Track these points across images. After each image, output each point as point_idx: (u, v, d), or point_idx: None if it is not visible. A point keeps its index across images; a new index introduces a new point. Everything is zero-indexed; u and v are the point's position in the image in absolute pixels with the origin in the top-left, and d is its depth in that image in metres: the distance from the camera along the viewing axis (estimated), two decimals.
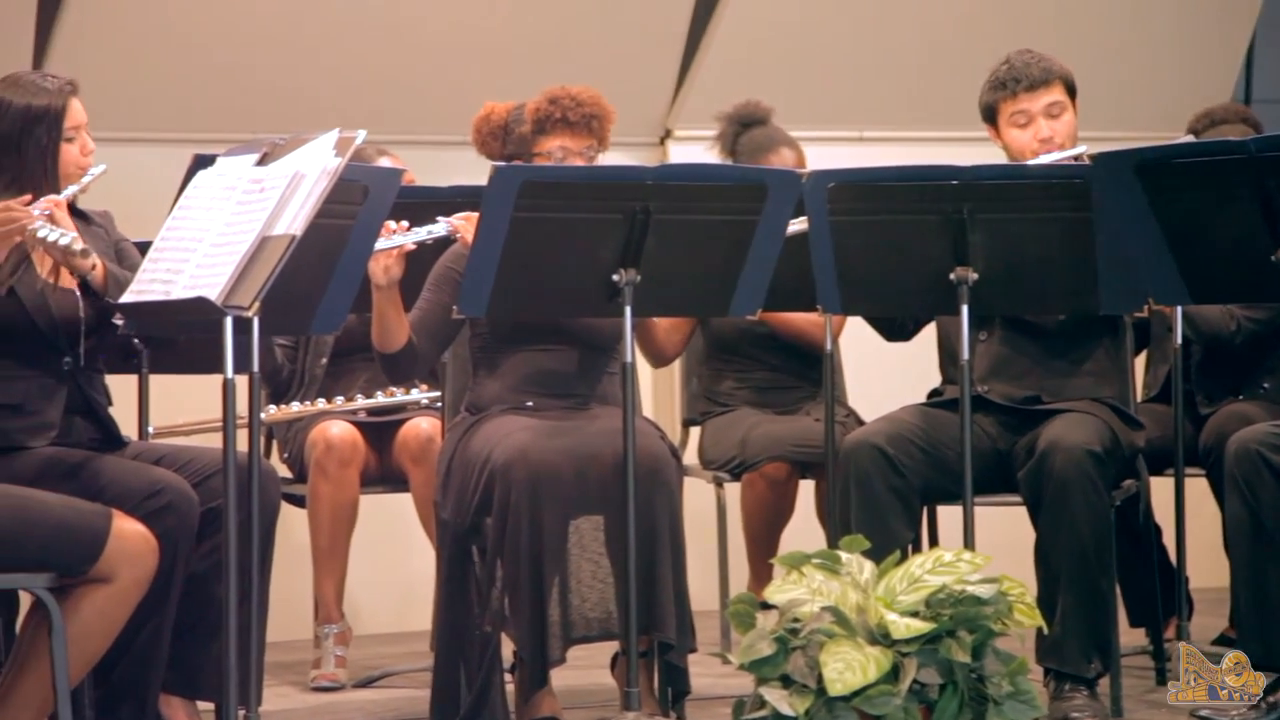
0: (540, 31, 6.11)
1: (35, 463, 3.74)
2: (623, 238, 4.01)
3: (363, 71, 5.96)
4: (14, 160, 3.84)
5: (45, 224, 3.56)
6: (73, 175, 3.90)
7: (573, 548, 4.16)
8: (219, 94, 5.83)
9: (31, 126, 3.85)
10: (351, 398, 5.16)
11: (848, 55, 6.38)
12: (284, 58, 5.91)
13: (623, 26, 6.19)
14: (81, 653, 3.43)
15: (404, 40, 6.02)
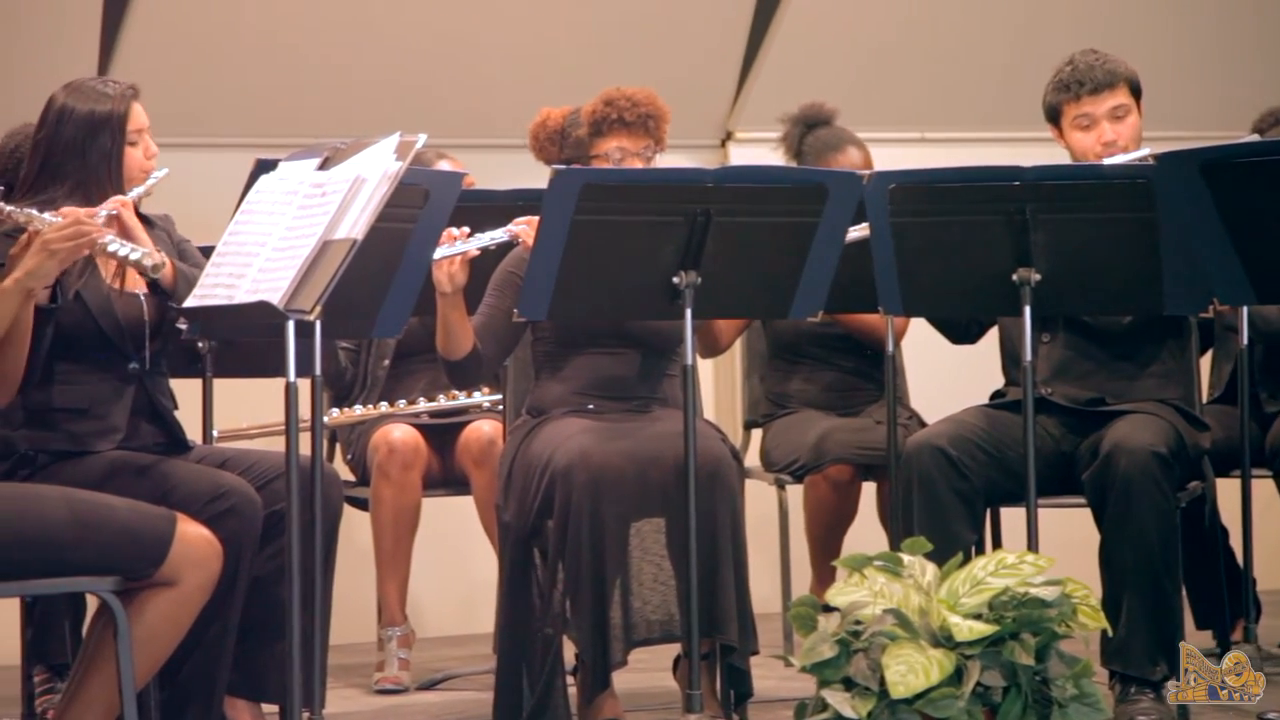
0: (601, 34, 6.11)
1: (101, 466, 3.77)
2: (683, 240, 4.00)
3: (423, 75, 5.98)
4: (78, 166, 3.87)
5: (115, 239, 3.58)
6: (136, 179, 3.93)
7: (634, 550, 4.15)
8: (281, 99, 5.87)
9: (95, 132, 3.88)
10: (413, 400, 5.18)
11: (910, 56, 6.36)
12: (346, 63, 5.93)
13: (684, 29, 6.19)
14: (147, 655, 3.45)
15: (464, 44, 6.03)
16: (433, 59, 5.99)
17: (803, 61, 6.24)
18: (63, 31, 5.65)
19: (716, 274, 4.03)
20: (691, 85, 6.04)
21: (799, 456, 5.12)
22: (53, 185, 3.84)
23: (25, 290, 3.33)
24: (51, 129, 3.88)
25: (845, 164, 5.11)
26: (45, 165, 3.87)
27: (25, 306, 3.37)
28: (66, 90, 3.91)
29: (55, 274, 3.37)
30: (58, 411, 3.79)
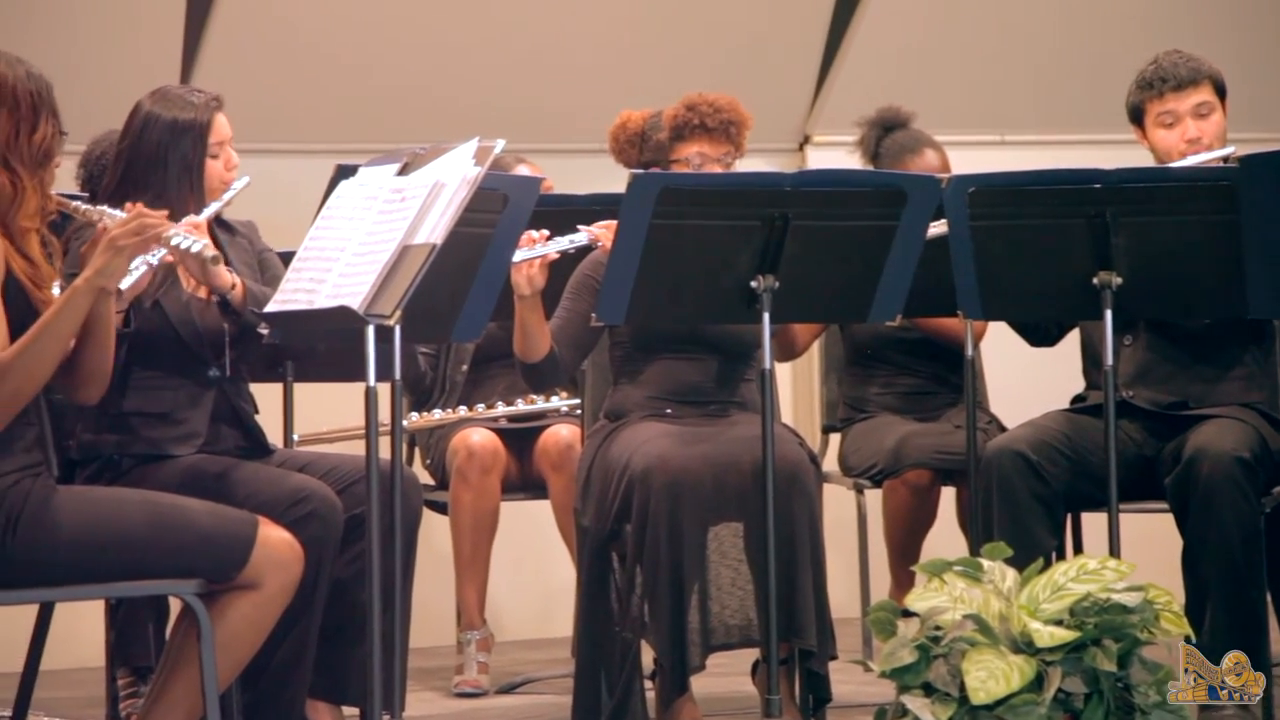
0: (679, 38, 6.11)
1: (183, 470, 3.80)
2: (761, 244, 4.00)
3: (501, 81, 6.00)
4: (159, 175, 3.89)
5: (179, 232, 3.61)
6: (216, 191, 3.95)
7: (712, 554, 4.15)
8: (361, 105, 5.90)
9: (177, 140, 3.90)
10: (492, 405, 5.19)
11: (988, 58, 6.32)
12: (424, 69, 5.96)
13: (762, 32, 6.18)
14: (229, 658, 3.47)
15: (543, 50, 6.05)
16: (512, 65, 6.01)
17: (881, 64, 6.22)
18: (146, 39, 5.71)
19: (794, 278, 4.02)
20: (769, 88, 6.04)
21: (877, 461, 5.10)
22: (134, 193, 3.87)
23: (96, 288, 3.36)
24: (135, 136, 3.91)
25: (923, 166, 5.09)
26: (128, 173, 3.90)
27: (103, 304, 3.40)
28: (153, 97, 3.94)
29: (124, 271, 3.40)
30: (138, 416, 3.83)
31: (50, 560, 3.35)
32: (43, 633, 4.20)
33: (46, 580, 3.38)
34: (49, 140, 3.43)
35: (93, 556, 3.38)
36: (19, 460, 3.37)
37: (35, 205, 3.41)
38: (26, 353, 3.30)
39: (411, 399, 5.26)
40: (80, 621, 5.13)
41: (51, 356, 3.33)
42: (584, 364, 4.57)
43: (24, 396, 3.31)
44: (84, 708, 4.86)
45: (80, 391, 3.48)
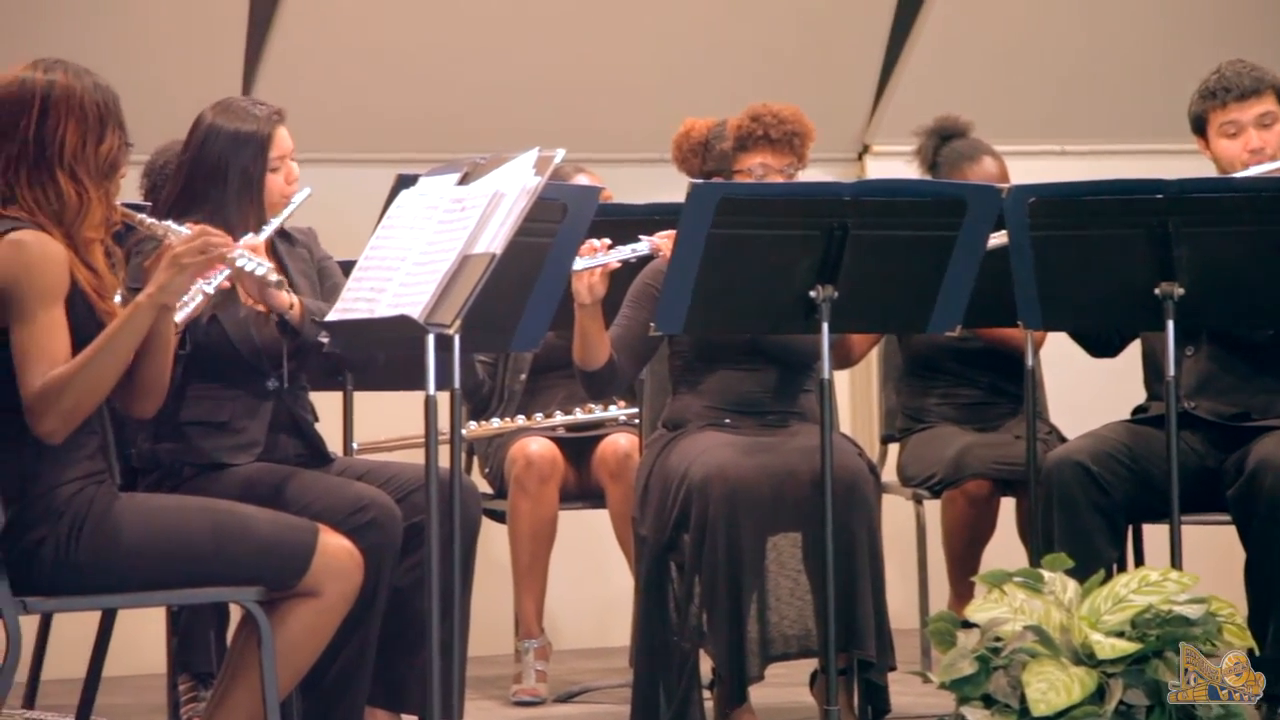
0: (738, 48, 6.11)
1: (243, 478, 3.82)
2: (820, 254, 3.99)
3: (562, 90, 6.01)
4: (219, 188, 3.90)
5: (243, 253, 3.63)
6: (276, 205, 3.95)
7: (771, 564, 4.15)
8: (422, 115, 5.93)
9: (238, 153, 3.91)
10: (550, 414, 5.20)
11: (1049, 68, 6.30)
12: (484, 78, 5.98)
13: (821, 42, 6.18)
14: (289, 665, 3.49)
15: (602, 59, 6.06)
16: (572, 74, 6.02)
17: (940, 74, 6.20)
18: (208, 49, 5.75)
19: (853, 288, 4.01)
20: (829, 98, 6.03)
21: (936, 471, 5.09)
22: (194, 206, 3.88)
23: (158, 304, 3.38)
24: (197, 148, 3.92)
25: (981, 175, 5.07)
26: (188, 185, 3.91)
27: (162, 320, 3.42)
28: (215, 109, 3.96)
29: (186, 288, 3.42)
30: (197, 426, 3.84)
31: (113, 567, 3.37)
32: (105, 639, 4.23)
33: (109, 587, 3.40)
34: (115, 151, 3.45)
35: (155, 564, 3.40)
36: (82, 468, 3.39)
37: (100, 216, 3.43)
38: (88, 367, 3.32)
39: (469, 407, 5.27)
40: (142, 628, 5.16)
41: (113, 371, 3.35)
42: (643, 373, 4.57)
43: (85, 409, 3.34)
44: (146, 714, 4.89)
45: (136, 405, 3.50)
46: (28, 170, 3.39)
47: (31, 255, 3.32)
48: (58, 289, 3.33)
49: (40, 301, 3.31)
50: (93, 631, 4.25)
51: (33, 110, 3.40)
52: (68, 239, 3.39)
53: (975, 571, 4.88)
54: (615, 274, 4.24)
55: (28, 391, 3.29)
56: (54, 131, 3.40)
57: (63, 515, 3.35)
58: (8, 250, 3.33)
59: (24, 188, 3.39)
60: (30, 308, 3.30)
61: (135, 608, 3.61)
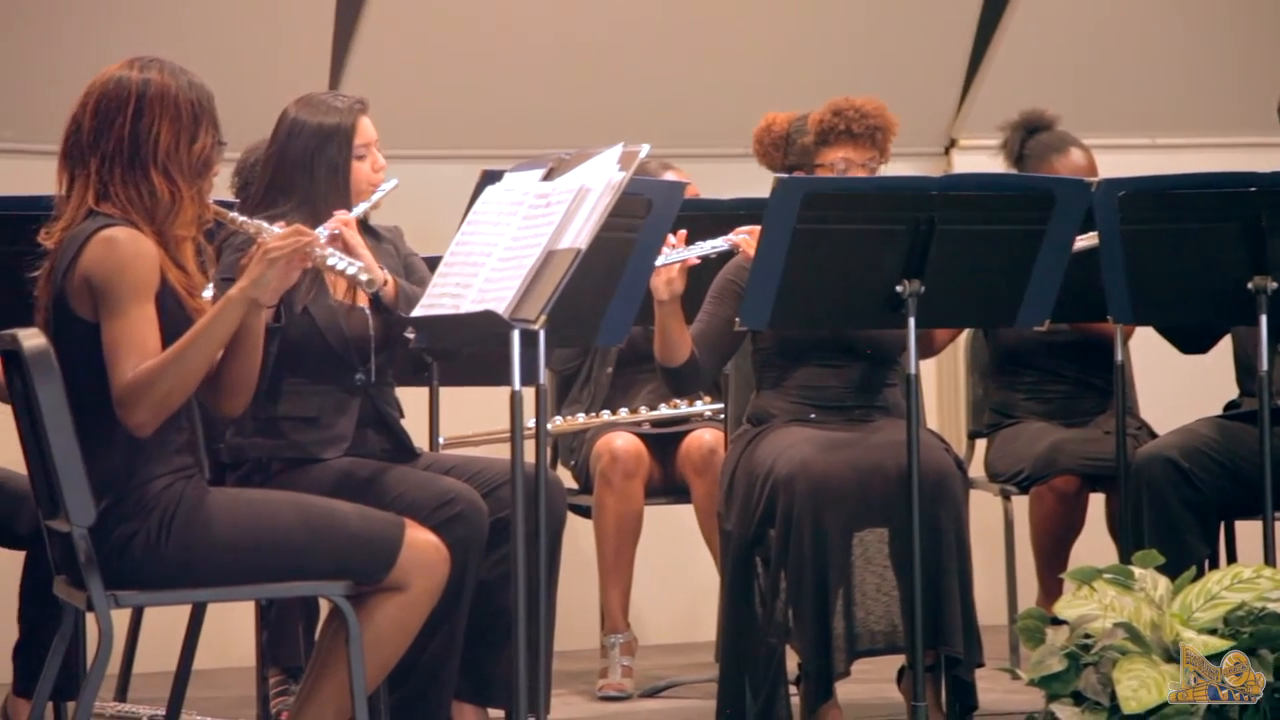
0: (824, 42, 6.09)
1: (331, 473, 3.84)
2: (906, 248, 3.97)
3: (646, 85, 6.01)
4: (306, 180, 3.94)
5: (335, 253, 3.64)
6: (364, 193, 3.99)
7: (857, 560, 4.13)
8: (507, 111, 5.94)
9: (323, 145, 3.94)
10: (635, 409, 5.20)
11: (1139, 60, 6.24)
12: (569, 74, 5.99)
13: (908, 36, 6.14)
14: (377, 659, 3.50)
15: (686, 53, 6.05)
16: (656, 69, 6.02)
17: (1029, 67, 6.15)
18: (295, 48, 5.79)
19: (940, 282, 3.99)
20: (915, 92, 6.00)
21: (1024, 467, 5.05)
22: (282, 199, 3.92)
23: (249, 299, 3.40)
24: (282, 143, 3.96)
25: (1068, 166, 5.03)
26: (275, 179, 3.95)
27: (253, 316, 3.44)
28: (298, 104, 3.99)
29: (276, 284, 3.43)
30: (286, 421, 3.87)
31: (202, 561, 3.40)
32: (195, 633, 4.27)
33: (199, 581, 3.42)
34: (208, 150, 3.48)
35: (244, 558, 3.42)
36: (172, 463, 3.42)
37: (192, 214, 3.46)
38: (178, 359, 3.35)
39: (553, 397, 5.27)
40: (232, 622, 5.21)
41: (202, 363, 3.37)
42: (727, 368, 4.56)
43: (173, 402, 3.36)
44: (235, 707, 4.92)
45: (225, 402, 3.52)
46: (121, 168, 3.42)
47: (124, 252, 3.35)
48: (149, 285, 3.36)
49: (132, 297, 3.34)
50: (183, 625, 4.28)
51: (128, 108, 3.42)
52: (159, 236, 3.42)
53: (1063, 568, 4.83)
54: (694, 270, 4.23)
55: (118, 383, 3.32)
56: (148, 130, 3.42)
57: (153, 510, 3.38)
58: (101, 247, 3.36)
59: (117, 185, 3.42)
60: (122, 303, 3.33)
61: (224, 601, 3.63)
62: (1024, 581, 5.17)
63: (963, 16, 6.19)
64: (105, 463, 3.37)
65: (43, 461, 3.34)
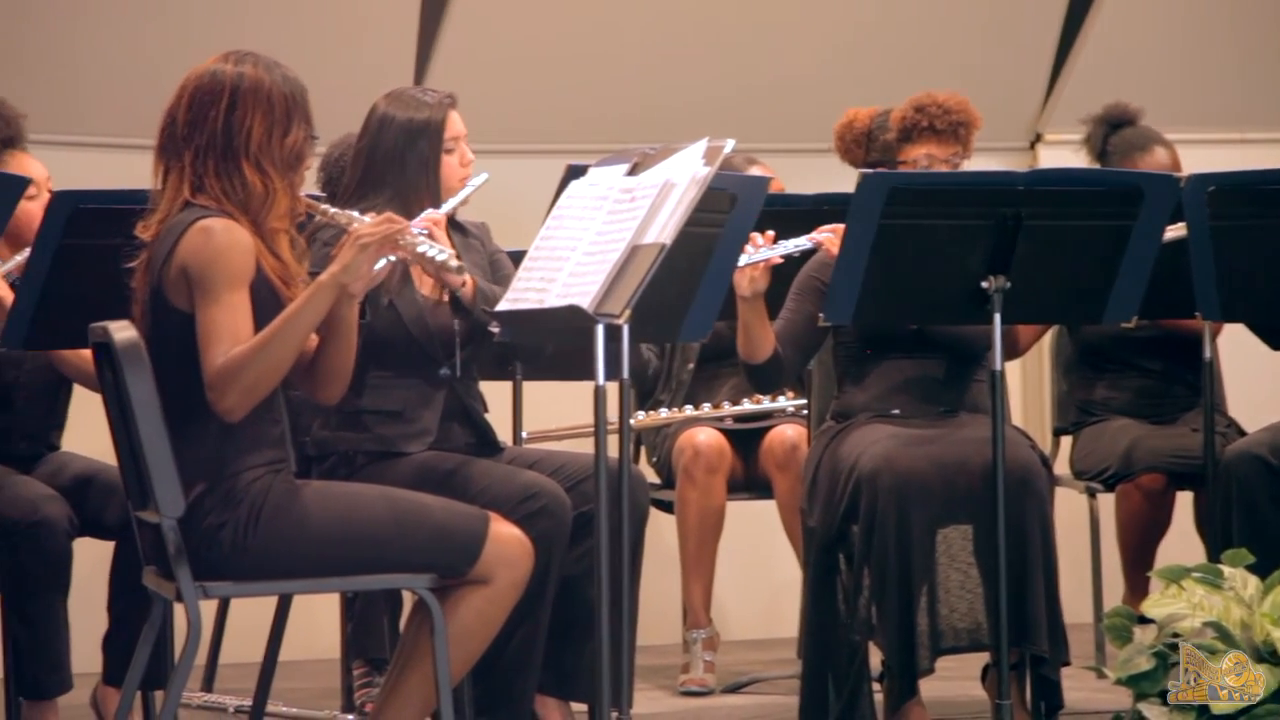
0: (909, 36, 6.07)
1: (415, 466, 3.86)
2: (992, 244, 3.95)
3: (730, 80, 6.00)
4: (397, 174, 3.97)
5: (424, 239, 3.67)
6: (453, 187, 4.02)
7: (941, 557, 4.11)
8: (592, 106, 5.95)
9: (413, 140, 3.98)
10: (718, 404, 5.20)
11: (1228, 54, 6.17)
12: (653, 69, 5.99)
13: (993, 29, 6.11)
14: (461, 652, 3.51)
15: (771, 48, 6.04)
16: (740, 64, 6.01)
17: (1116, 60, 6.10)
18: (381, 43, 5.82)
19: (1026, 278, 3.96)
20: (1000, 86, 5.96)
21: (1110, 464, 5.01)
22: (373, 194, 3.96)
23: (340, 285, 3.41)
24: (372, 137, 3.99)
25: (1152, 164, 4.99)
26: (366, 174, 3.99)
27: (346, 304, 3.46)
28: (388, 99, 4.02)
29: (366, 270, 3.45)
30: (372, 414, 3.89)
31: (290, 553, 3.42)
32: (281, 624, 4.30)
33: (286, 573, 3.44)
34: (300, 144, 3.50)
35: (331, 550, 3.44)
36: (262, 456, 3.44)
37: (285, 206, 3.48)
38: (269, 344, 3.37)
39: (636, 391, 5.28)
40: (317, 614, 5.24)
41: (291, 349, 3.39)
42: (810, 364, 4.55)
43: (263, 388, 3.38)
44: (320, 698, 4.96)
45: (321, 391, 3.55)
46: (215, 160, 3.45)
47: (220, 241, 3.37)
48: (243, 274, 3.38)
49: (226, 285, 3.36)
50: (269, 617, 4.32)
51: (222, 102, 3.45)
52: (254, 228, 3.44)
53: (1150, 566, 4.80)
54: (777, 266, 4.22)
55: (210, 368, 3.35)
56: (241, 123, 3.45)
57: (242, 502, 3.40)
58: (197, 236, 3.38)
59: (212, 177, 3.45)
60: (217, 290, 3.36)
61: (311, 593, 3.65)
62: (1109, 580, 5.13)
63: (1049, 9, 6.14)
64: (197, 454, 3.39)
65: (133, 453, 3.37)
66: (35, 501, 4.20)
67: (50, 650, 4.19)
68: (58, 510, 4.20)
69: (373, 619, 4.56)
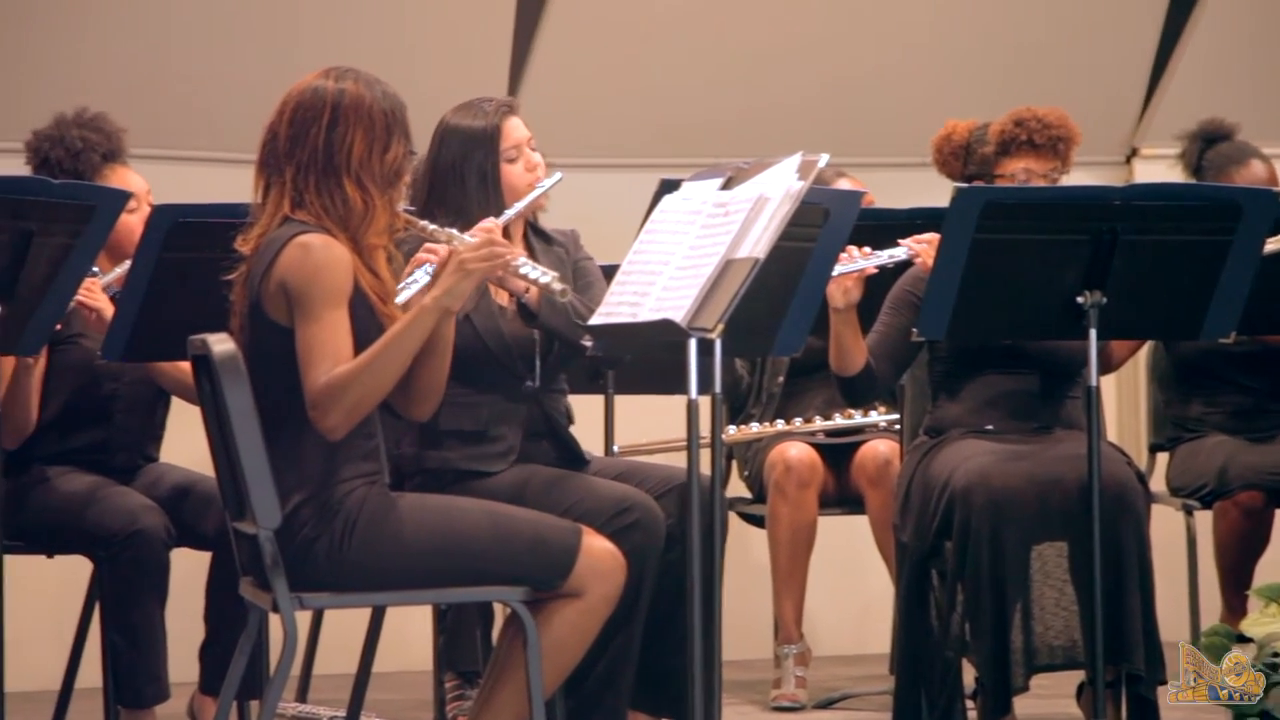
0: (1004, 50, 6.04)
1: (505, 481, 3.85)
2: (1088, 259, 3.92)
3: (824, 94, 5.99)
4: (458, 189, 3.93)
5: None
6: (523, 194, 3.97)
7: (1035, 574, 4.08)
8: (684, 120, 5.95)
9: (471, 152, 3.94)
10: (810, 419, 5.19)
11: None
12: (746, 83, 5.99)
13: (1089, 44, 6.07)
14: (554, 665, 3.51)
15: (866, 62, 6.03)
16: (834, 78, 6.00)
17: (1214, 74, 6.05)
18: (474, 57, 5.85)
19: (1123, 294, 3.93)
20: (1096, 100, 5.92)
21: (1207, 482, 4.96)
22: (438, 210, 3.90)
23: (443, 308, 3.44)
24: (435, 152, 3.96)
25: (1248, 178, 4.94)
26: (432, 189, 3.95)
27: (445, 323, 3.48)
28: (453, 112, 4.00)
29: (470, 293, 3.47)
30: (454, 435, 3.88)
31: (385, 565, 3.44)
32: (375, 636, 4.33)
33: (381, 585, 3.46)
34: (400, 160, 3.52)
35: (426, 562, 3.45)
36: (359, 469, 3.46)
37: (384, 223, 3.50)
38: (371, 366, 3.39)
39: (727, 406, 5.28)
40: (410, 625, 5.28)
41: (393, 371, 3.41)
42: (903, 379, 4.53)
43: (364, 408, 3.41)
44: (412, 710, 4.99)
45: (415, 408, 3.56)
46: (316, 176, 3.47)
47: (319, 258, 3.40)
48: (342, 291, 3.41)
49: (325, 302, 3.38)
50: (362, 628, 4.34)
51: (323, 118, 3.47)
52: (352, 244, 3.46)
53: (1248, 585, 4.74)
54: (870, 279, 4.21)
55: (312, 387, 3.37)
56: (342, 139, 3.47)
57: (338, 514, 3.42)
58: (296, 252, 3.41)
59: (312, 193, 3.47)
60: (316, 308, 3.38)
61: (405, 605, 3.67)
62: (1207, 598, 5.08)
63: (1146, 24, 6.09)
64: (294, 466, 3.42)
65: (230, 465, 3.39)
66: (134, 512, 4.25)
67: (148, 660, 4.24)
68: (156, 521, 4.25)
69: (465, 632, 4.58)
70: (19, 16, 5.56)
